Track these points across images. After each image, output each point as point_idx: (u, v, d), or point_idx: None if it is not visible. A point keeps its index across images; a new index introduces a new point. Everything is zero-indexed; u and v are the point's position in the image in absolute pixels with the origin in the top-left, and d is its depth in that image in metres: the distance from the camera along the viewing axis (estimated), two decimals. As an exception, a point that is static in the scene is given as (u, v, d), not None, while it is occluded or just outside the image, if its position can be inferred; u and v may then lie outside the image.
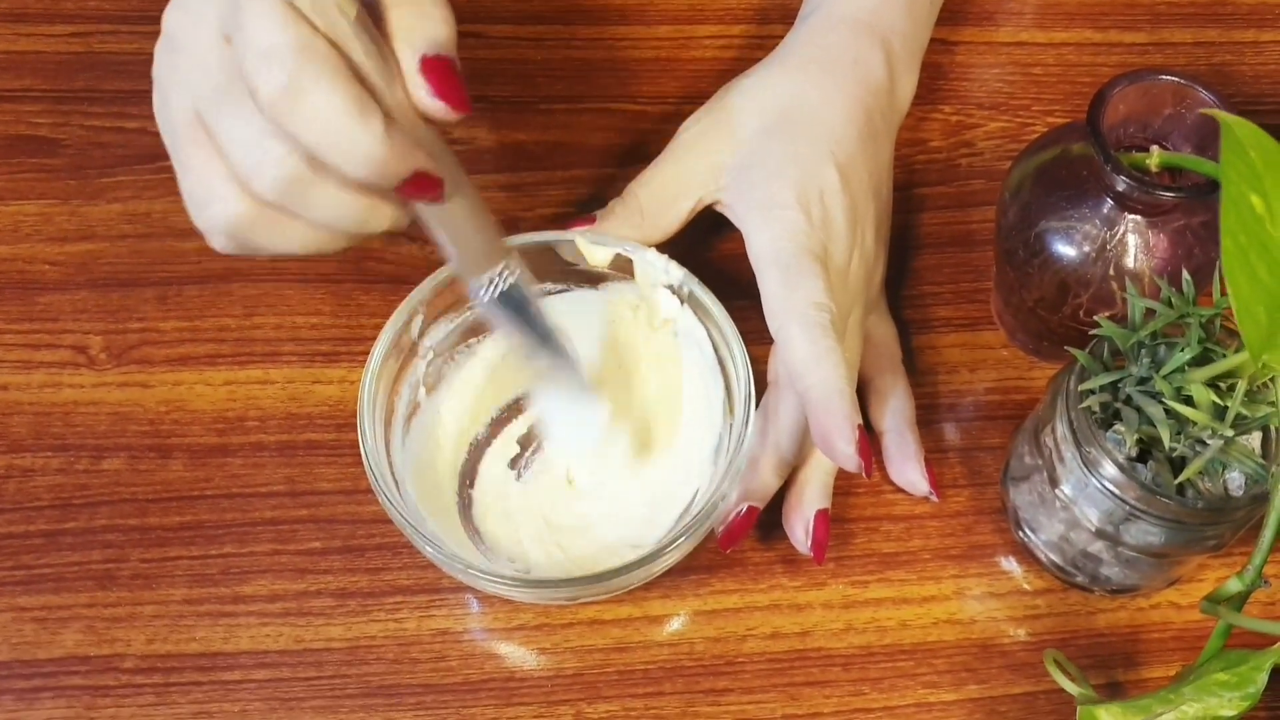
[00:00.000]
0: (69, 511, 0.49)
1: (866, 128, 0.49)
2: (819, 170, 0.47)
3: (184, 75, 0.37)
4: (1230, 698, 0.38)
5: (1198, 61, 0.59)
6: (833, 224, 0.47)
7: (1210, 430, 0.40)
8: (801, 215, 0.46)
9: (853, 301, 0.48)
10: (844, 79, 0.50)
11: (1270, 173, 0.37)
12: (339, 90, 0.35)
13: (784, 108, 0.49)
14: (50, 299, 0.53)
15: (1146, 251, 0.45)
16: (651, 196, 0.49)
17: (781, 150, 0.48)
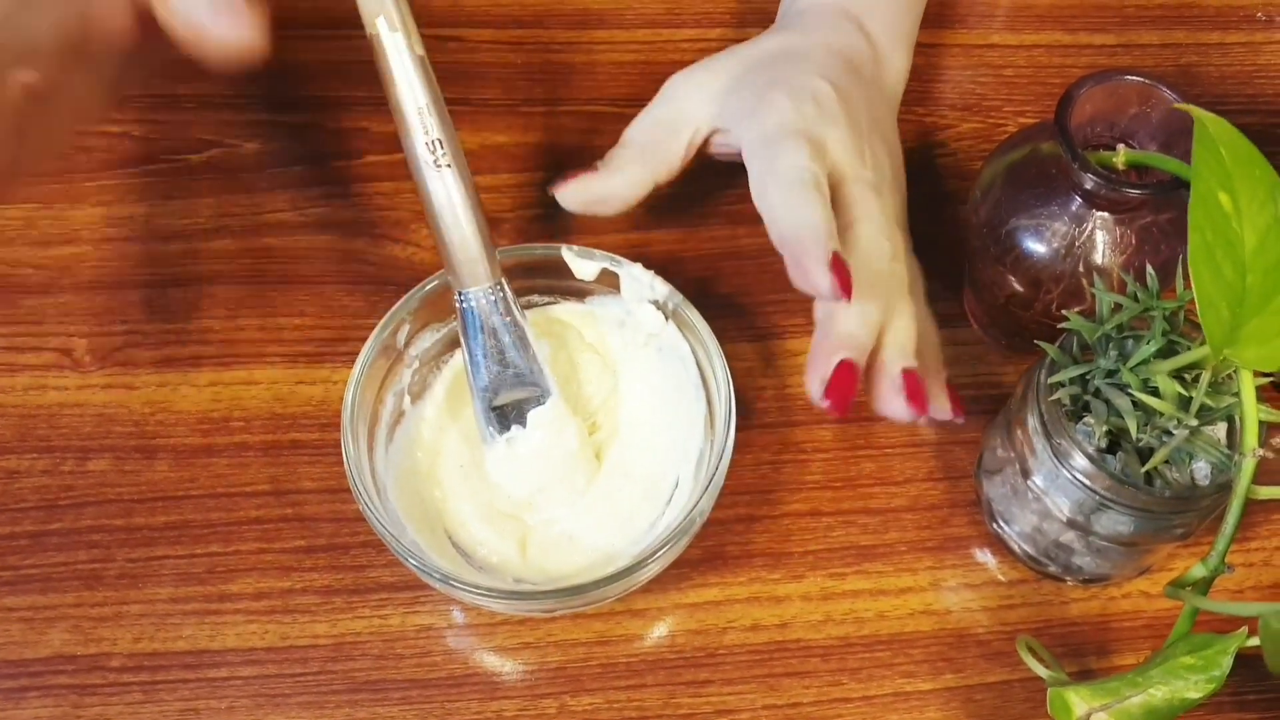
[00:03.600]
0: (55, 512, 0.49)
1: (853, 73, 0.50)
2: (809, 81, 0.47)
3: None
4: (1196, 681, 0.39)
5: (1165, 62, 0.60)
6: (832, 120, 0.46)
7: (1176, 420, 0.41)
8: (790, 106, 0.46)
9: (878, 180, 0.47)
10: (822, 38, 0.50)
11: (1239, 170, 0.38)
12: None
13: (771, 53, 0.50)
14: (35, 302, 0.53)
15: (1114, 247, 0.46)
16: (648, 134, 0.50)
17: (770, 75, 0.48)
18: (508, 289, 0.46)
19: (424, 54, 0.44)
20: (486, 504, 0.48)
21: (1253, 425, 0.39)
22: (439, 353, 0.50)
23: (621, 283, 0.49)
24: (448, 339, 0.50)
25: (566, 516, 0.48)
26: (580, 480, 0.48)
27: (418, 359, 0.49)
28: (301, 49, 0.59)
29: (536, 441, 0.47)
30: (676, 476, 0.48)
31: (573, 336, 0.51)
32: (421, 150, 0.44)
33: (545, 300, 0.51)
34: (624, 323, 0.50)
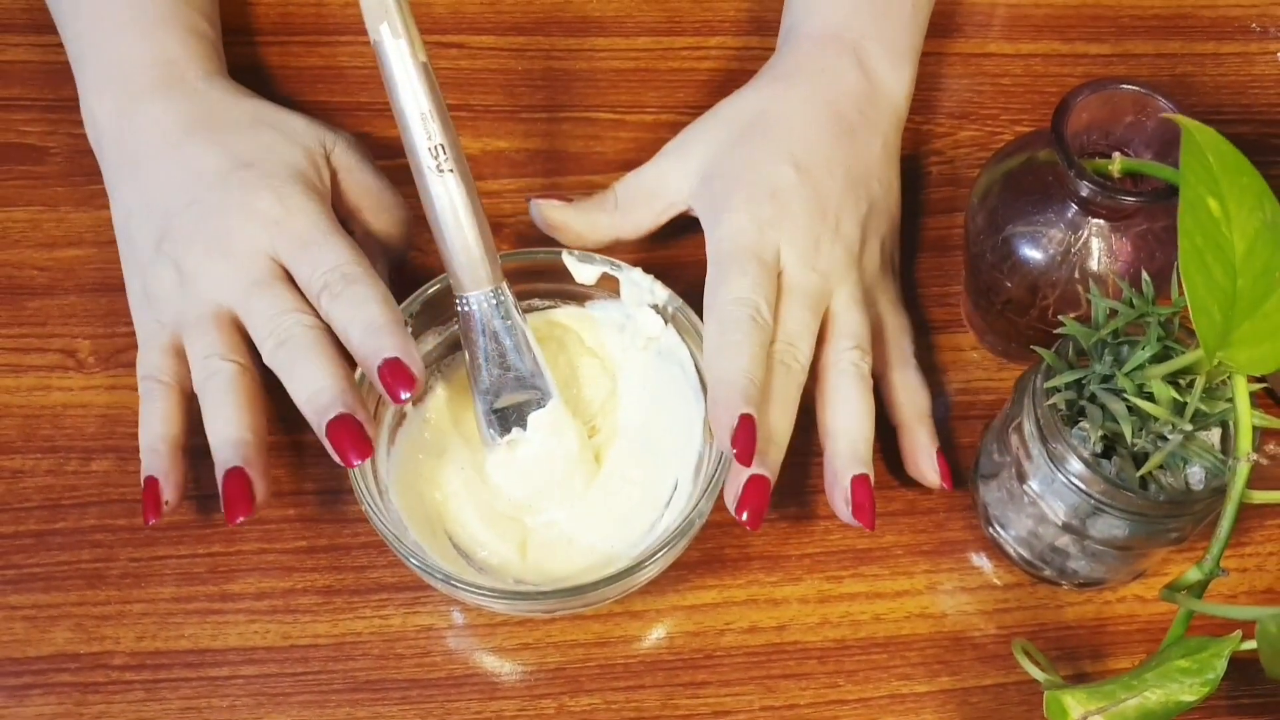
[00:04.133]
0: (58, 512, 0.49)
1: (836, 126, 0.51)
2: (772, 171, 0.49)
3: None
4: (1191, 684, 0.40)
5: (1160, 72, 0.61)
6: (787, 217, 0.48)
7: (1171, 425, 0.41)
8: (745, 216, 0.48)
9: (829, 282, 0.49)
10: (809, 88, 0.52)
11: (1227, 177, 0.39)
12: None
13: (749, 120, 0.51)
14: (39, 304, 0.53)
15: (1110, 254, 0.47)
16: (627, 193, 0.52)
17: (741, 158, 0.50)
18: (509, 293, 0.47)
19: (427, 60, 0.44)
20: (487, 506, 0.48)
21: (1246, 430, 0.40)
22: (440, 355, 0.50)
23: (621, 287, 0.50)
24: (449, 342, 0.50)
25: (566, 518, 0.48)
26: (580, 483, 0.49)
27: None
28: (304, 55, 0.60)
29: (537, 444, 0.48)
30: (675, 479, 0.49)
31: (573, 340, 0.51)
32: (424, 155, 0.44)
33: (546, 304, 0.51)
34: (624, 326, 0.51)
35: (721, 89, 0.59)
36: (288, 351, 0.45)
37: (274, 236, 0.47)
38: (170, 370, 0.47)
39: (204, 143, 0.49)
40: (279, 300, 0.46)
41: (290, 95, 0.58)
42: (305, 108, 0.58)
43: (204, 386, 0.46)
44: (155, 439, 0.46)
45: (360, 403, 0.44)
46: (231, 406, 0.46)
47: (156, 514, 0.45)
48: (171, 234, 0.48)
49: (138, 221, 0.49)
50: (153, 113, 0.50)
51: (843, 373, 0.48)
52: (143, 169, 0.50)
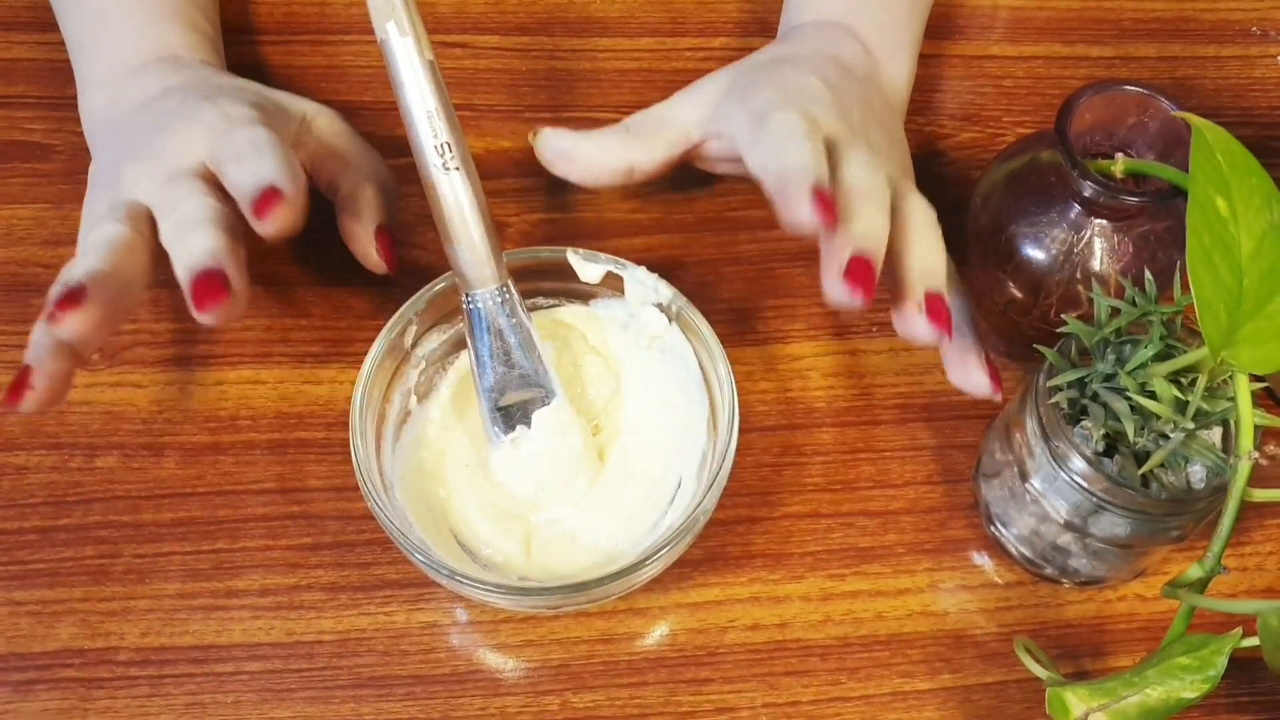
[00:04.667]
0: (63, 508, 0.50)
1: (848, 73, 0.51)
2: (800, 79, 0.48)
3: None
4: (1192, 680, 0.40)
5: (1161, 74, 0.61)
6: (817, 100, 0.47)
7: (1172, 424, 0.42)
8: (779, 93, 0.47)
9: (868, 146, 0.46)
10: (816, 58, 0.51)
11: (1236, 177, 0.39)
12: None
13: (759, 62, 0.51)
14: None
15: (1112, 254, 0.47)
16: (639, 122, 0.51)
17: (762, 77, 0.49)
18: (514, 291, 0.47)
19: (433, 58, 0.44)
20: (491, 503, 0.48)
21: (1248, 429, 0.40)
22: (445, 353, 0.51)
23: (625, 286, 0.50)
24: (454, 340, 0.50)
25: (570, 516, 0.48)
26: (584, 480, 0.49)
27: (424, 359, 0.50)
28: (308, 54, 0.60)
29: (541, 442, 0.48)
30: (679, 477, 0.49)
31: (577, 338, 0.51)
32: (430, 153, 0.45)
33: (550, 303, 0.51)
34: (628, 325, 0.51)
35: (725, 89, 0.60)
36: (180, 226, 0.43)
37: (208, 141, 0.45)
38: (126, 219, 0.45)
39: (179, 90, 0.49)
40: (191, 186, 0.44)
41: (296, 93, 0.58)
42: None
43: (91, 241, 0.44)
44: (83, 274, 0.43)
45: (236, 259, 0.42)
46: (104, 251, 0.43)
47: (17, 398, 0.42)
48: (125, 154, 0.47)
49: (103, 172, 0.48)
50: (143, 83, 0.50)
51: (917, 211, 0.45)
52: (119, 129, 0.49)
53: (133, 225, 0.44)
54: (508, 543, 0.48)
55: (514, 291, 0.47)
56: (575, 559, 0.48)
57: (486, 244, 0.46)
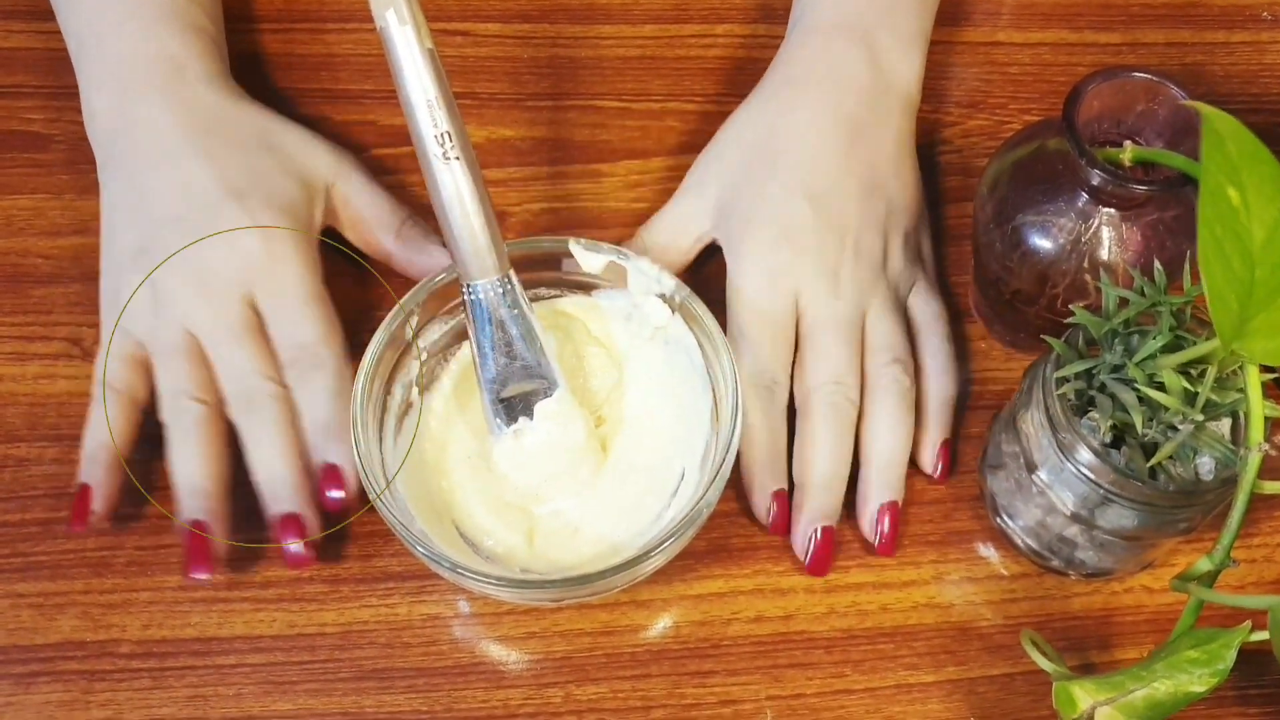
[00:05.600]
0: (65, 500, 0.49)
1: (847, 136, 0.51)
2: (785, 207, 0.50)
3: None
4: (1200, 674, 0.40)
5: (1170, 61, 0.60)
6: (803, 256, 0.50)
7: (1181, 416, 0.41)
8: (758, 271, 0.50)
9: (857, 305, 0.50)
10: (816, 96, 0.52)
11: (1247, 166, 0.38)
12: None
13: (761, 140, 0.52)
14: (44, 292, 0.53)
15: (1120, 244, 0.46)
16: (655, 236, 0.53)
17: (754, 191, 0.51)
18: (516, 281, 0.47)
19: (433, 47, 0.44)
20: (494, 495, 0.48)
21: (1259, 420, 0.40)
22: (447, 345, 0.50)
23: (628, 276, 0.49)
24: (456, 331, 0.50)
25: (573, 508, 0.48)
26: (586, 472, 0.48)
27: (426, 351, 0.49)
28: (309, 42, 0.60)
29: (543, 433, 0.47)
30: (682, 469, 0.49)
31: (579, 329, 0.51)
32: (430, 143, 0.44)
33: (552, 293, 0.51)
34: (630, 316, 0.51)
35: (729, 77, 0.59)
36: (251, 419, 0.47)
37: (254, 282, 0.48)
38: (128, 382, 0.48)
39: (199, 157, 0.49)
40: (250, 358, 0.48)
41: (293, 83, 0.58)
42: (309, 95, 0.58)
43: (172, 421, 0.48)
44: (98, 447, 0.47)
45: (310, 501, 0.47)
46: (197, 448, 0.47)
47: (83, 524, 0.46)
48: (152, 249, 0.48)
49: (123, 223, 0.50)
50: (150, 113, 0.50)
51: (884, 390, 0.50)
52: (135, 172, 0.50)
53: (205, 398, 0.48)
54: (510, 535, 0.47)
55: (515, 282, 0.47)
56: (578, 551, 0.47)
57: (487, 234, 0.45)
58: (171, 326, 0.48)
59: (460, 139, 0.44)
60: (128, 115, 0.51)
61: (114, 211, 0.50)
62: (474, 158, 0.45)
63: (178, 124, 0.50)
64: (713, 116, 0.55)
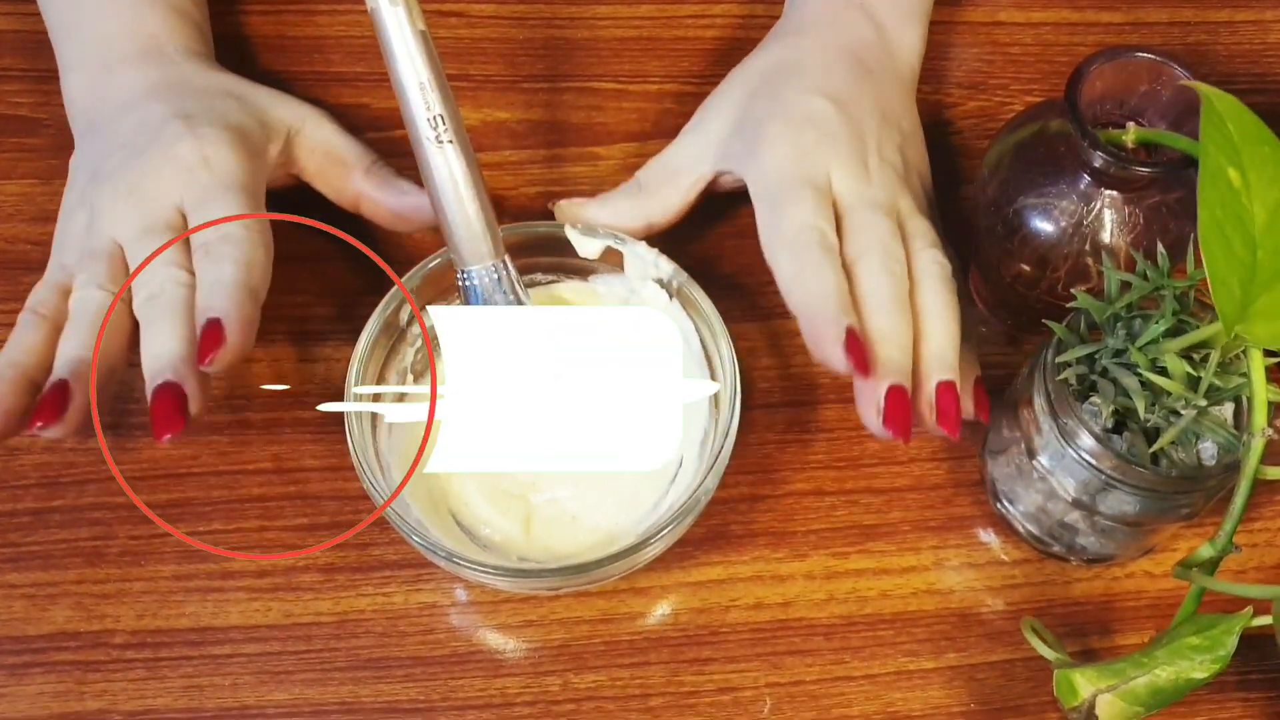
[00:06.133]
0: (57, 489, 0.49)
1: (857, 68, 0.50)
2: (805, 103, 0.48)
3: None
4: (1202, 660, 0.39)
5: (1173, 40, 0.60)
6: (830, 141, 0.47)
7: (1184, 401, 0.41)
8: (788, 146, 0.47)
9: (889, 192, 0.48)
10: (823, 38, 0.51)
11: (1248, 147, 0.38)
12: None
13: (765, 71, 0.50)
14: (34, 279, 0.52)
15: (1122, 227, 0.46)
16: (651, 175, 0.51)
17: (767, 104, 0.49)
18: (511, 267, 0.46)
19: (425, 28, 0.43)
20: (490, 483, 0.48)
21: (1262, 405, 0.39)
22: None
23: (625, 261, 0.49)
24: (451, 317, 0.50)
25: (570, 496, 0.48)
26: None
27: (420, 338, 0.49)
28: (299, 25, 0.59)
29: None
30: (680, 455, 0.48)
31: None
32: (423, 126, 0.44)
33: (549, 279, 0.50)
34: (628, 301, 0.50)
35: (726, 57, 0.58)
36: (150, 308, 0.44)
37: (184, 185, 0.46)
38: (53, 305, 0.45)
39: (159, 100, 0.48)
40: (162, 252, 0.45)
41: (284, 66, 0.58)
42: (300, 78, 0.57)
43: (76, 311, 0.45)
44: (5, 364, 0.44)
45: (194, 374, 0.43)
46: (87, 333, 0.44)
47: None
48: (97, 175, 0.47)
49: (81, 174, 0.48)
50: (123, 81, 0.49)
51: (928, 273, 0.47)
52: (101, 128, 0.49)
53: (113, 289, 0.45)
54: (507, 523, 0.47)
55: (511, 268, 0.46)
56: (575, 539, 0.47)
57: (482, 219, 0.45)
58: (99, 237, 0.46)
59: (453, 122, 0.44)
60: (101, 86, 0.50)
61: (74, 169, 0.49)
62: (468, 141, 0.44)
63: (146, 83, 0.49)
64: (710, 98, 0.55)
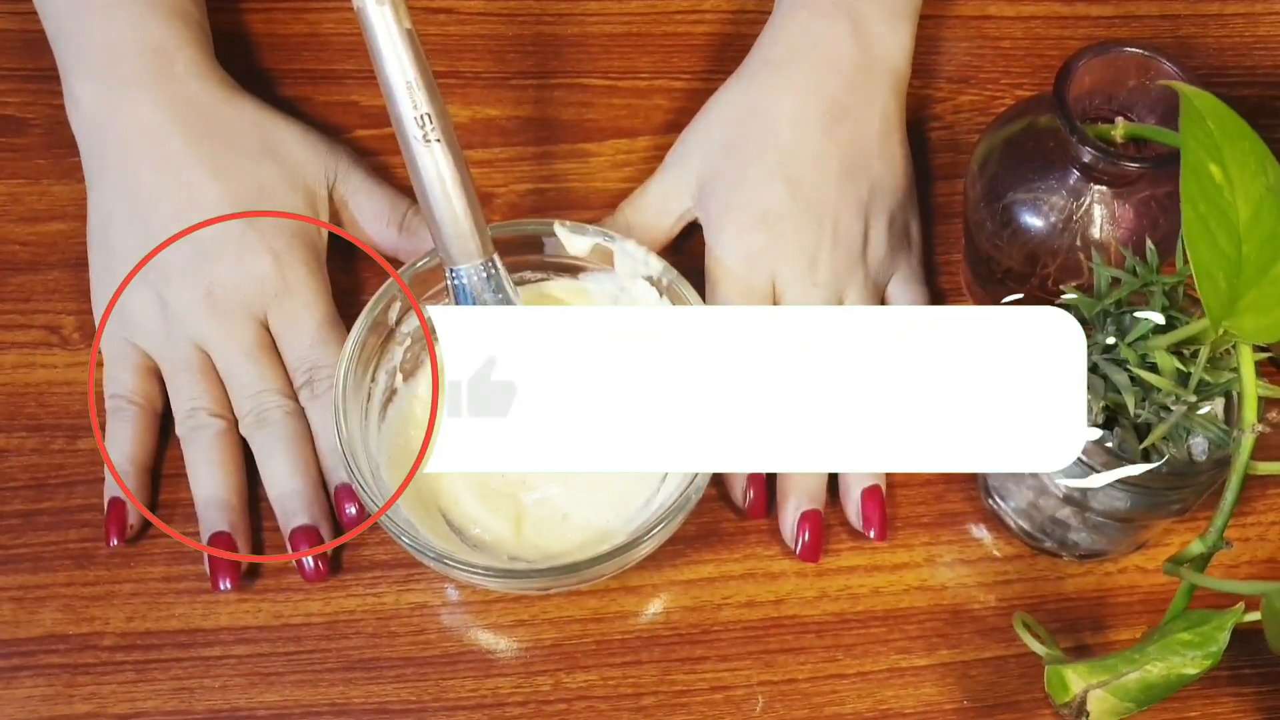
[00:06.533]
0: (45, 491, 0.49)
1: (830, 117, 0.50)
2: (763, 191, 0.50)
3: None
4: (1193, 656, 0.39)
5: (1163, 34, 0.59)
6: (780, 240, 0.49)
7: (1174, 396, 0.41)
8: (741, 248, 0.50)
9: (833, 291, 0.50)
10: (800, 73, 0.51)
11: (1228, 142, 0.38)
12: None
13: (741, 120, 0.51)
14: (22, 279, 0.53)
15: (1112, 222, 0.46)
16: (637, 214, 0.52)
17: (734, 173, 0.51)
18: (500, 265, 0.46)
19: (412, 27, 0.43)
20: (481, 482, 0.47)
21: (1252, 401, 0.39)
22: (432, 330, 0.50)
23: (615, 258, 0.49)
24: (440, 316, 0.49)
25: (561, 494, 0.48)
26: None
27: (409, 336, 0.49)
28: (289, 22, 0.59)
29: None
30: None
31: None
32: (410, 125, 0.43)
33: (538, 277, 0.50)
34: (618, 299, 0.50)
35: (716, 54, 0.58)
36: (265, 435, 0.48)
37: (267, 304, 0.48)
38: (143, 393, 0.48)
39: (201, 167, 0.49)
40: (263, 376, 0.48)
41: (275, 64, 0.57)
42: (290, 75, 0.57)
43: (190, 438, 0.48)
44: (125, 460, 0.47)
45: (325, 514, 0.47)
46: (217, 465, 0.47)
47: (120, 537, 0.47)
48: (160, 265, 0.48)
49: (120, 229, 0.49)
50: (139, 109, 0.49)
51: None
52: (131, 174, 0.49)
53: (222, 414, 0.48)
54: (497, 522, 0.47)
55: (500, 266, 0.46)
56: (566, 538, 0.47)
57: (470, 217, 0.45)
58: (184, 343, 0.48)
59: (441, 120, 0.44)
60: (116, 107, 0.49)
61: (110, 215, 0.49)
62: (455, 139, 0.44)
63: (174, 126, 0.49)
64: (700, 94, 0.54)
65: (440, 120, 0.43)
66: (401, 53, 0.43)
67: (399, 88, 0.43)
